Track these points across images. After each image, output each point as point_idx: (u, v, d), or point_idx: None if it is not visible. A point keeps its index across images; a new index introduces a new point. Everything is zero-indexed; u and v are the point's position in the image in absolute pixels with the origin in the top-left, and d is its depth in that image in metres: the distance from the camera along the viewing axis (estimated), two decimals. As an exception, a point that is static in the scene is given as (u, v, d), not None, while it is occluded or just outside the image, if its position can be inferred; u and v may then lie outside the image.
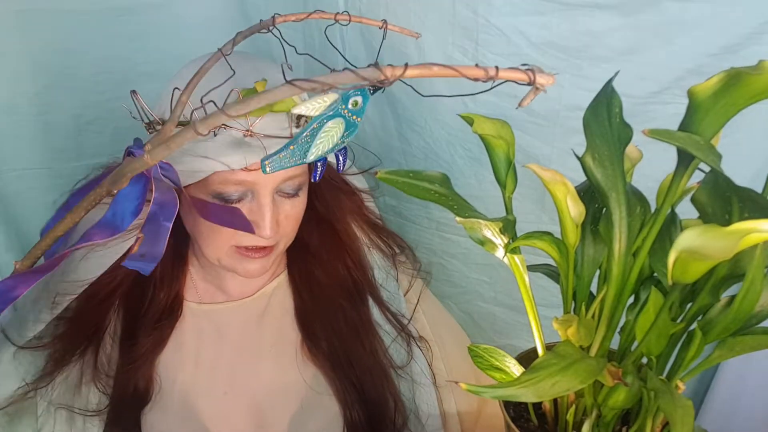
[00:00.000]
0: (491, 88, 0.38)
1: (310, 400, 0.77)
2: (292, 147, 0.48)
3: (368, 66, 0.34)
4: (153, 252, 0.49)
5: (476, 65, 0.35)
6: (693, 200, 0.45)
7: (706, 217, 0.45)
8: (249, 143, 0.63)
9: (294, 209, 0.72)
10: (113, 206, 0.50)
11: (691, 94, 0.41)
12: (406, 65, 0.34)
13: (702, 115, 0.41)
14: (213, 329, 0.79)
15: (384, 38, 0.61)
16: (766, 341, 0.46)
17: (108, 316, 0.76)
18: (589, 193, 0.52)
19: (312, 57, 0.63)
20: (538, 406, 0.55)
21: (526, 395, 0.41)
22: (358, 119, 0.48)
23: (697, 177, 0.46)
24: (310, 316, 0.80)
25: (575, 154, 0.47)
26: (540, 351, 0.52)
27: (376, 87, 0.50)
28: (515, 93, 0.84)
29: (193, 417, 0.76)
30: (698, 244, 0.35)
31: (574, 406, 0.51)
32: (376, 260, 0.84)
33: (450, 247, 1.00)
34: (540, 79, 0.36)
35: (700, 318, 0.48)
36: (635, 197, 0.49)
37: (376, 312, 0.82)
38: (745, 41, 0.73)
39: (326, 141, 0.48)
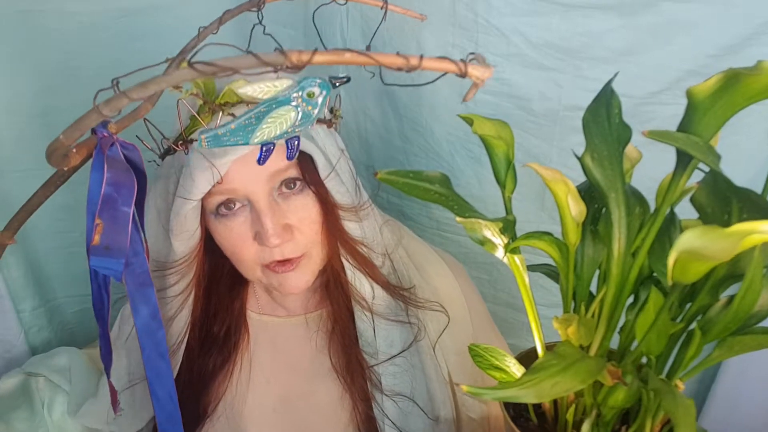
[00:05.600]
0: (435, 79, 0.35)
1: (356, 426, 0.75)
2: (233, 126, 0.46)
3: (275, 50, 0.31)
4: (117, 243, 0.44)
5: (397, 53, 0.32)
6: (692, 200, 0.45)
7: (705, 218, 0.45)
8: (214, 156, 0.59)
9: (305, 208, 0.66)
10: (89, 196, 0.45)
11: (689, 94, 0.42)
12: (315, 50, 0.31)
13: (701, 116, 0.42)
14: (270, 342, 0.77)
15: (384, 19, 0.58)
16: (766, 341, 0.46)
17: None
18: (588, 193, 0.52)
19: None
20: (538, 405, 0.56)
21: (527, 396, 0.41)
22: (314, 110, 0.46)
23: (696, 177, 0.46)
24: (340, 345, 0.76)
25: (575, 155, 0.47)
26: (540, 351, 0.53)
27: (339, 81, 0.47)
28: (516, 93, 0.84)
29: (241, 429, 0.74)
30: (698, 245, 0.35)
31: (573, 406, 0.51)
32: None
33: (450, 246, 1.00)
34: (473, 71, 0.32)
35: (699, 318, 0.48)
36: (634, 197, 0.50)
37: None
38: (744, 42, 0.73)
39: (274, 126, 0.46)
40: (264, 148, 0.58)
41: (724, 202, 0.43)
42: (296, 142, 0.61)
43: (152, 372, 0.53)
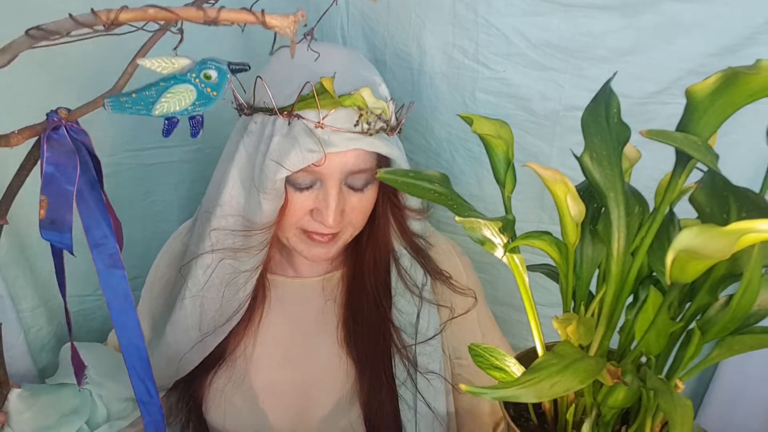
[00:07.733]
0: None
1: (351, 387, 0.80)
2: (134, 95, 0.50)
3: (91, 10, 0.36)
4: (62, 218, 0.48)
5: (195, 5, 0.35)
6: (691, 200, 0.45)
7: (704, 217, 0.45)
8: (316, 137, 0.66)
9: (361, 202, 0.74)
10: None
11: (688, 93, 0.42)
12: (122, 8, 0.35)
13: (700, 115, 0.42)
14: (278, 300, 0.83)
15: (335, 3, 0.60)
16: (765, 340, 0.46)
17: None
18: (588, 192, 0.52)
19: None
20: (538, 405, 0.56)
21: (527, 396, 0.41)
22: (214, 93, 0.50)
23: (695, 176, 0.46)
24: (353, 316, 0.82)
25: (574, 154, 0.47)
26: (539, 351, 0.53)
27: (237, 66, 0.51)
28: (516, 93, 0.84)
29: (247, 382, 0.81)
30: (696, 244, 0.35)
31: (573, 406, 0.51)
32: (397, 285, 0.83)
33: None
34: (272, 21, 0.34)
35: (698, 317, 0.48)
36: (634, 197, 0.50)
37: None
38: (744, 41, 0.73)
39: (173, 102, 0.50)
40: (167, 122, 0.61)
41: (723, 201, 0.43)
42: (199, 119, 0.63)
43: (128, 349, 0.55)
